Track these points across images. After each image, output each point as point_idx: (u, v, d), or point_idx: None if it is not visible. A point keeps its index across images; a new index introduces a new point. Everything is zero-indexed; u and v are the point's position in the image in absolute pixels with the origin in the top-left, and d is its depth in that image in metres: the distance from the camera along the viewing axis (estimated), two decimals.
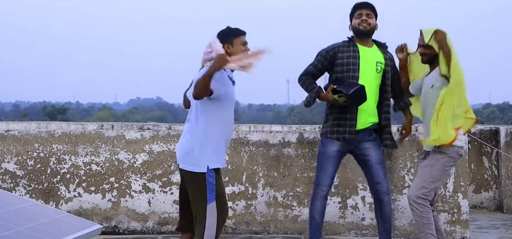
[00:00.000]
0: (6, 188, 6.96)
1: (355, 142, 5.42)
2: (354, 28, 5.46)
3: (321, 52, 5.47)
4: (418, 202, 5.25)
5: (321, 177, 5.44)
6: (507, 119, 62.02)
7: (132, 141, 7.05)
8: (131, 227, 7.04)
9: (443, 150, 5.29)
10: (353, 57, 5.35)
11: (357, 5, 5.50)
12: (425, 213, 5.26)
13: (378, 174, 5.44)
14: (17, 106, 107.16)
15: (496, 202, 8.86)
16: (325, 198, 5.49)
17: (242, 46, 4.99)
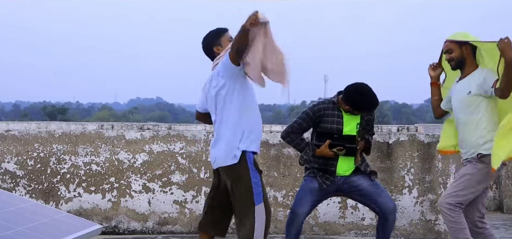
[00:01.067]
0: (6, 188, 6.96)
1: (339, 183, 5.39)
2: (348, 109, 5.32)
3: (306, 112, 5.48)
4: (449, 208, 5.03)
5: (299, 206, 5.37)
6: None
7: (132, 141, 7.05)
8: (131, 227, 7.04)
9: (485, 160, 5.00)
10: (337, 123, 5.35)
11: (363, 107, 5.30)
12: (457, 218, 5.02)
13: (381, 195, 5.37)
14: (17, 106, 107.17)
15: (496, 202, 8.86)
16: (302, 225, 5.43)
17: (229, 42, 4.97)
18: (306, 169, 5.51)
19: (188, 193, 7.04)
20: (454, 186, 5.11)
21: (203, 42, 5.04)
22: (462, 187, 5.05)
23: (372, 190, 5.37)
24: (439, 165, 6.91)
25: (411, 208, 6.91)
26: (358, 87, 5.29)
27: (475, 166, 5.07)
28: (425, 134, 7.01)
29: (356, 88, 5.29)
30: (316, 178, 5.39)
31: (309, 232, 6.92)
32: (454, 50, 5.18)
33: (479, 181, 5.06)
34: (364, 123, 5.40)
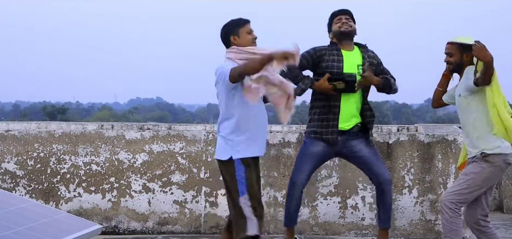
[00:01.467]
0: (6, 188, 6.96)
1: (339, 144, 5.38)
2: (336, 32, 5.46)
3: (309, 51, 5.48)
4: (450, 207, 5.06)
5: (297, 175, 5.41)
6: None
7: (132, 141, 7.05)
8: (131, 227, 7.04)
9: (489, 159, 5.06)
10: (338, 61, 5.37)
11: (335, 12, 5.55)
12: (454, 219, 5.05)
13: (377, 165, 5.39)
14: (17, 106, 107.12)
15: (496, 202, 8.86)
16: (301, 194, 5.47)
17: (248, 35, 4.94)
18: (306, 133, 5.53)
19: (188, 193, 7.04)
20: (458, 184, 5.13)
21: (223, 29, 5.02)
22: (466, 186, 5.08)
23: (370, 159, 5.37)
24: (439, 165, 6.91)
25: (411, 208, 6.91)
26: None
27: (479, 165, 5.09)
28: (425, 134, 7.01)
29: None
30: (317, 136, 5.37)
31: (309, 232, 6.92)
32: (454, 54, 5.23)
33: (483, 180, 5.08)
34: (366, 63, 5.40)
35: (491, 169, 5.06)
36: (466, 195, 5.08)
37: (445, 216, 5.07)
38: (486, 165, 5.07)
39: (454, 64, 5.25)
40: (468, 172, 5.13)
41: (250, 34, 4.94)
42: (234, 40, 4.92)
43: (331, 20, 5.55)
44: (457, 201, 5.07)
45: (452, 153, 6.89)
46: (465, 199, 5.09)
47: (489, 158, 5.06)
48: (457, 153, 6.89)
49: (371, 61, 5.46)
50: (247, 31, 4.94)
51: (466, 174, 5.13)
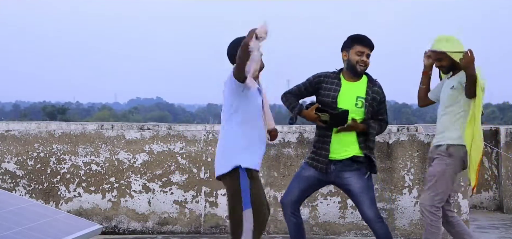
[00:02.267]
0: (6, 188, 6.96)
1: (332, 173, 5.24)
2: (351, 64, 5.24)
3: (309, 77, 5.41)
4: (431, 211, 5.14)
5: (285, 195, 5.34)
6: (507, 119, 61.99)
7: (132, 141, 7.06)
8: (131, 227, 7.04)
9: (452, 153, 5.17)
10: (334, 91, 5.23)
11: (360, 40, 5.27)
12: (435, 222, 5.14)
13: (363, 203, 5.17)
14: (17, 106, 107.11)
15: (496, 202, 8.86)
16: (293, 215, 5.30)
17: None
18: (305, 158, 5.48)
19: (188, 193, 7.04)
20: (432, 186, 5.18)
21: (230, 45, 5.00)
22: (439, 185, 5.17)
23: (358, 194, 5.16)
24: None
25: (411, 208, 6.91)
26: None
27: (443, 161, 5.19)
28: (425, 134, 7.01)
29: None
30: (310, 165, 5.28)
31: (309, 232, 6.91)
32: (443, 59, 5.24)
33: (451, 175, 5.20)
34: (369, 99, 5.20)
35: (454, 162, 5.18)
36: (442, 195, 5.17)
37: (427, 220, 5.16)
38: (450, 160, 5.18)
39: (447, 67, 5.27)
40: (435, 172, 5.20)
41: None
42: None
43: (351, 44, 5.27)
44: (436, 203, 5.15)
45: None
46: (442, 199, 5.18)
47: (452, 149, 5.17)
48: None
49: (374, 96, 5.25)
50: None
51: (433, 175, 5.19)
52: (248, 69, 4.63)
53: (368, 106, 5.18)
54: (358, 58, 5.20)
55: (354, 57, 5.21)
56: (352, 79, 5.25)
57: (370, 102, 5.19)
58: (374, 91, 5.23)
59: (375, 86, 5.24)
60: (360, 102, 5.19)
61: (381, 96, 5.27)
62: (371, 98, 5.20)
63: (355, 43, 5.24)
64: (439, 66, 5.31)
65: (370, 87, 5.23)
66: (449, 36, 5.23)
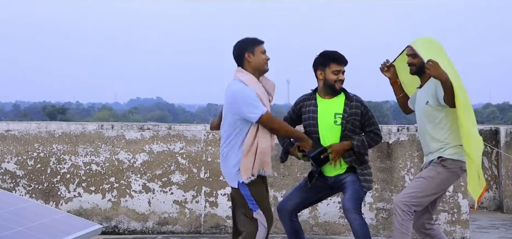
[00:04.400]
0: (6, 188, 6.96)
1: (329, 183, 5.30)
2: (328, 83, 5.25)
3: (292, 105, 5.52)
4: (403, 209, 4.96)
5: (282, 201, 5.40)
6: (507, 119, 62.07)
7: (132, 141, 7.06)
8: (131, 227, 7.04)
9: (446, 165, 4.98)
10: (312, 112, 5.27)
11: (336, 59, 5.27)
12: (405, 222, 4.96)
13: (346, 193, 5.21)
14: (17, 106, 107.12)
15: (496, 202, 8.86)
16: (291, 220, 5.34)
17: (262, 54, 5.00)
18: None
19: (188, 193, 7.04)
20: (413, 187, 5.03)
21: (237, 45, 5.03)
22: (420, 189, 4.98)
23: (346, 187, 5.21)
24: None
25: None
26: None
27: (435, 169, 5.01)
28: None
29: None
30: (311, 180, 5.34)
31: (309, 232, 6.91)
32: (417, 56, 5.10)
33: (438, 185, 4.99)
34: (347, 115, 5.20)
35: (447, 174, 5.00)
36: (420, 199, 4.98)
37: (397, 218, 4.99)
38: (442, 169, 4.98)
39: (417, 66, 5.13)
40: (424, 175, 5.04)
41: (264, 55, 5.00)
42: (248, 57, 4.96)
43: (326, 62, 5.28)
44: (410, 204, 4.97)
45: None
46: (419, 203, 4.99)
47: (446, 163, 4.99)
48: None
49: (353, 111, 5.23)
50: (262, 51, 4.99)
51: (421, 177, 5.03)
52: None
53: (346, 123, 5.17)
54: (335, 77, 5.22)
55: (331, 77, 5.22)
56: (328, 96, 5.27)
57: (348, 118, 5.18)
58: (353, 106, 5.22)
59: (352, 101, 5.24)
60: (339, 119, 5.20)
61: (362, 109, 5.25)
62: (348, 114, 5.19)
63: (330, 62, 5.26)
64: (409, 63, 5.17)
65: (347, 103, 5.23)
66: (433, 40, 5.12)
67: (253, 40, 5.03)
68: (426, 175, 5.02)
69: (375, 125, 5.28)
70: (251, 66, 4.96)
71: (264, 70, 5.00)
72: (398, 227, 4.98)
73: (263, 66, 4.99)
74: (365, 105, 5.28)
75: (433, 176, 4.99)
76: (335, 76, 5.21)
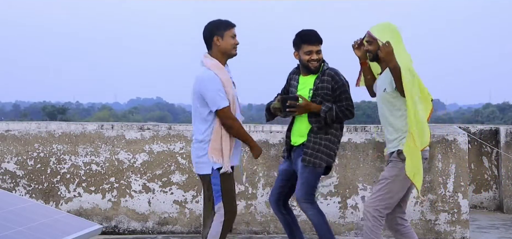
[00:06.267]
0: (6, 188, 6.96)
1: (292, 159, 5.51)
2: (303, 63, 5.43)
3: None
4: (373, 215, 4.93)
5: (269, 196, 5.66)
6: (507, 119, 61.97)
7: (132, 141, 7.06)
8: (131, 227, 7.04)
9: (404, 158, 4.88)
10: (293, 87, 5.52)
11: (307, 40, 5.40)
12: (375, 228, 4.93)
13: (297, 183, 5.41)
14: (17, 106, 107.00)
15: (496, 202, 8.86)
16: (281, 213, 5.56)
17: (231, 38, 4.99)
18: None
19: (188, 193, 7.04)
20: (379, 190, 5.00)
21: (207, 27, 5.06)
22: (387, 190, 4.96)
23: (298, 176, 5.42)
24: (439, 165, 6.91)
25: (411, 208, 6.91)
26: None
27: (396, 166, 4.98)
28: None
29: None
30: (283, 156, 5.61)
31: (309, 232, 6.92)
32: (373, 42, 5.07)
33: (403, 181, 4.96)
34: (315, 88, 5.38)
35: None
36: (388, 200, 4.96)
37: (367, 224, 4.96)
38: (403, 165, 4.91)
39: (373, 53, 5.08)
40: (387, 176, 5.01)
41: (233, 39, 4.99)
42: (217, 40, 4.97)
43: (300, 43, 5.42)
44: (381, 208, 4.95)
45: (452, 153, 6.89)
46: (388, 204, 4.97)
47: (403, 155, 4.92)
48: (457, 153, 6.89)
49: (323, 85, 5.38)
50: (232, 35, 5.00)
51: (385, 178, 5.00)
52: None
53: (314, 96, 5.37)
54: (308, 57, 5.40)
55: (304, 57, 5.41)
56: (307, 74, 5.47)
57: (318, 91, 5.37)
58: (323, 80, 5.39)
59: (324, 75, 5.40)
60: (311, 93, 5.41)
61: (332, 84, 5.39)
62: (317, 87, 5.38)
63: (302, 43, 5.42)
64: (366, 50, 5.15)
65: (319, 77, 5.41)
66: (391, 26, 5.07)
67: (224, 23, 5.02)
68: (389, 175, 4.99)
69: (347, 100, 5.40)
70: (219, 50, 4.98)
71: (232, 54, 5.04)
72: (368, 232, 4.96)
73: (231, 51, 5.01)
74: (337, 80, 5.40)
75: (396, 173, 4.96)
76: (308, 56, 5.39)
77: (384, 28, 5.07)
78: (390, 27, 5.07)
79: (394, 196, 4.98)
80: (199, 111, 4.94)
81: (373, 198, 5.01)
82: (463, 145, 6.91)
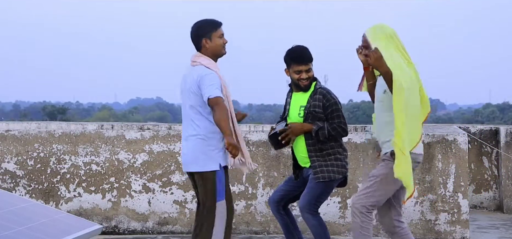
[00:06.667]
0: (6, 188, 6.96)
1: (305, 176, 5.50)
2: (293, 82, 5.49)
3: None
4: (361, 211, 4.92)
5: (271, 195, 5.65)
6: (507, 119, 61.97)
7: (132, 141, 7.06)
8: (131, 227, 7.04)
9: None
10: (288, 104, 5.59)
11: (296, 59, 5.41)
12: (365, 224, 4.94)
13: (304, 192, 5.43)
14: (17, 106, 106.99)
15: (496, 202, 8.86)
16: (279, 214, 5.55)
17: (219, 38, 5.00)
18: None
19: (188, 193, 7.04)
20: (368, 186, 4.99)
21: (194, 29, 5.06)
22: (376, 187, 4.95)
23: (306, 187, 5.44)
24: (439, 165, 6.91)
25: (411, 208, 6.91)
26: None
27: (387, 165, 4.96)
28: (425, 134, 7.01)
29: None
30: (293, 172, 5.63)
31: (309, 232, 6.91)
32: (368, 47, 5.02)
33: (392, 181, 4.92)
34: (308, 106, 5.39)
35: None
36: (377, 197, 4.94)
37: (356, 221, 4.95)
38: (392, 164, 4.88)
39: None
40: (378, 173, 4.99)
41: (221, 39, 5.00)
42: (206, 43, 4.98)
43: (289, 62, 5.45)
44: (368, 205, 4.93)
45: (452, 153, 6.89)
46: (376, 202, 4.96)
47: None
48: (457, 153, 6.89)
49: (315, 103, 5.39)
50: (219, 35, 5.00)
51: (375, 176, 4.99)
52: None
53: (307, 114, 5.39)
54: (297, 76, 5.44)
55: (293, 76, 5.47)
56: (298, 91, 5.52)
57: (310, 110, 5.38)
58: (316, 99, 5.41)
59: (316, 94, 5.42)
60: (302, 111, 5.45)
61: (324, 102, 5.40)
62: (310, 105, 5.40)
63: (292, 62, 5.45)
64: (364, 55, 5.08)
65: (312, 95, 5.43)
66: (384, 27, 5.03)
67: (210, 24, 5.01)
68: (379, 174, 4.98)
69: (338, 118, 5.40)
70: (208, 51, 4.99)
71: (222, 54, 5.05)
72: (358, 229, 4.96)
73: (220, 51, 5.04)
74: (328, 98, 5.41)
75: (386, 172, 4.94)
76: (297, 75, 5.43)
77: (376, 30, 5.04)
78: (382, 29, 5.03)
79: (382, 195, 4.97)
80: (198, 107, 4.94)
81: (360, 195, 5.00)
82: (463, 145, 6.91)
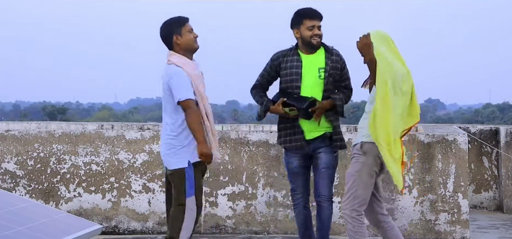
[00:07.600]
0: (6, 188, 6.96)
1: (308, 151, 5.35)
2: (305, 39, 5.29)
3: (268, 62, 5.48)
4: (352, 216, 4.95)
5: (294, 186, 5.50)
6: (507, 119, 61.97)
7: (132, 141, 7.05)
8: (131, 227, 7.04)
9: (366, 150, 4.98)
10: (296, 67, 5.30)
11: (308, 14, 5.30)
12: (358, 228, 4.97)
13: (323, 179, 5.32)
14: (17, 106, 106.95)
15: (496, 202, 8.86)
16: (305, 208, 5.46)
17: (189, 33, 5.03)
18: (277, 138, 5.53)
19: None
20: (349, 189, 5.02)
21: (163, 29, 5.08)
22: (356, 186, 4.98)
23: (322, 169, 5.31)
24: (439, 165, 6.91)
25: (411, 208, 6.91)
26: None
27: (358, 160, 5.02)
28: (425, 134, 7.01)
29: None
30: (287, 146, 5.38)
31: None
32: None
33: (368, 174, 4.98)
34: (329, 68, 5.27)
35: (371, 160, 4.96)
36: (361, 196, 4.97)
37: (350, 227, 4.99)
38: (364, 158, 4.97)
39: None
40: (352, 172, 5.03)
41: (191, 33, 5.02)
42: (177, 39, 5.00)
43: (300, 20, 5.32)
44: (356, 207, 4.97)
45: (452, 153, 6.89)
46: (362, 200, 4.98)
47: (366, 146, 4.98)
48: (457, 153, 6.89)
49: (334, 65, 5.31)
50: (189, 30, 5.03)
51: (351, 175, 5.02)
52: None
53: (328, 76, 5.28)
54: (310, 33, 5.28)
55: (306, 33, 5.30)
56: (310, 52, 5.35)
57: (330, 71, 5.29)
58: (333, 60, 5.33)
59: (333, 55, 5.35)
60: (322, 73, 5.29)
61: (341, 63, 5.38)
62: (330, 67, 5.30)
63: (303, 18, 5.32)
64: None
65: (328, 56, 5.33)
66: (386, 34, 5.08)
67: (178, 20, 5.04)
68: (354, 171, 5.03)
69: (349, 80, 5.42)
70: (181, 48, 5.00)
71: (194, 48, 5.06)
72: (353, 234, 5.00)
73: (192, 45, 5.04)
74: (343, 59, 5.41)
75: (361, 168, 5.00)
76: (310, 32, 5.28)
77: (379, 33, 5.08)
78: (383, 33, 5.09)
79: (364, 191, 5.00)
80: (169, 105, 4.98)
81: (345, 199, 5.04)
82: (463, 145, 6.91)
